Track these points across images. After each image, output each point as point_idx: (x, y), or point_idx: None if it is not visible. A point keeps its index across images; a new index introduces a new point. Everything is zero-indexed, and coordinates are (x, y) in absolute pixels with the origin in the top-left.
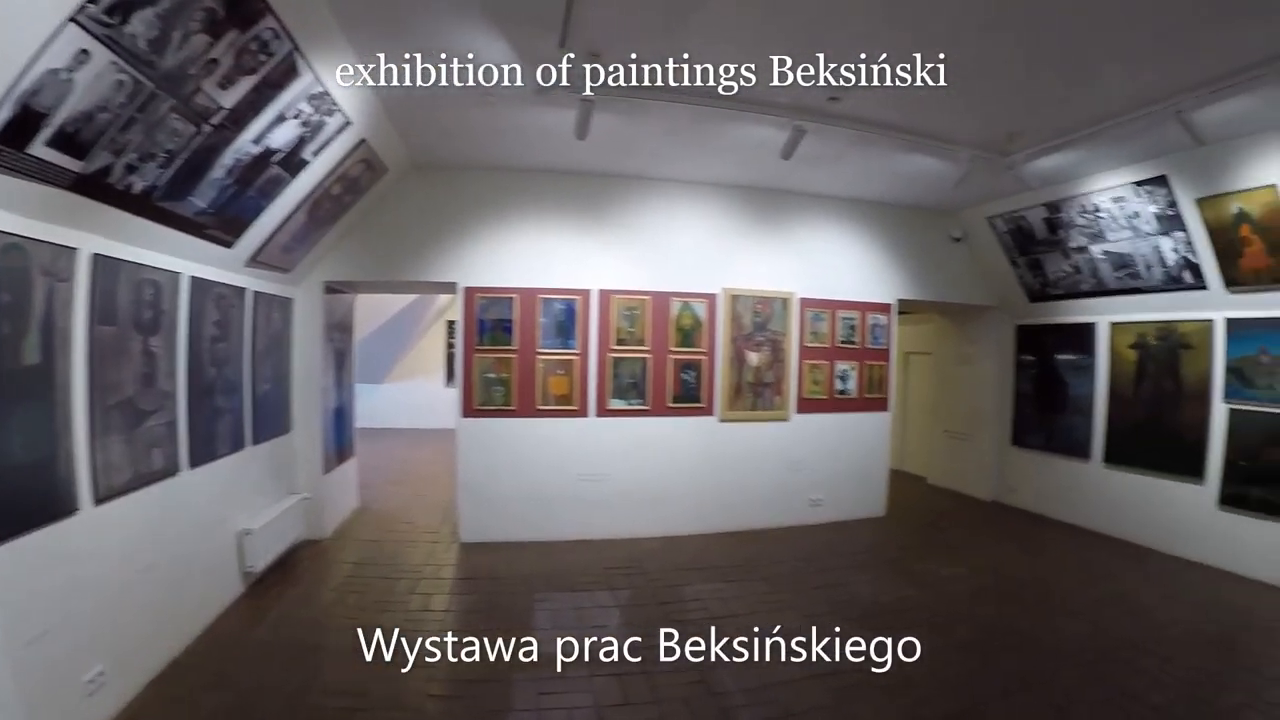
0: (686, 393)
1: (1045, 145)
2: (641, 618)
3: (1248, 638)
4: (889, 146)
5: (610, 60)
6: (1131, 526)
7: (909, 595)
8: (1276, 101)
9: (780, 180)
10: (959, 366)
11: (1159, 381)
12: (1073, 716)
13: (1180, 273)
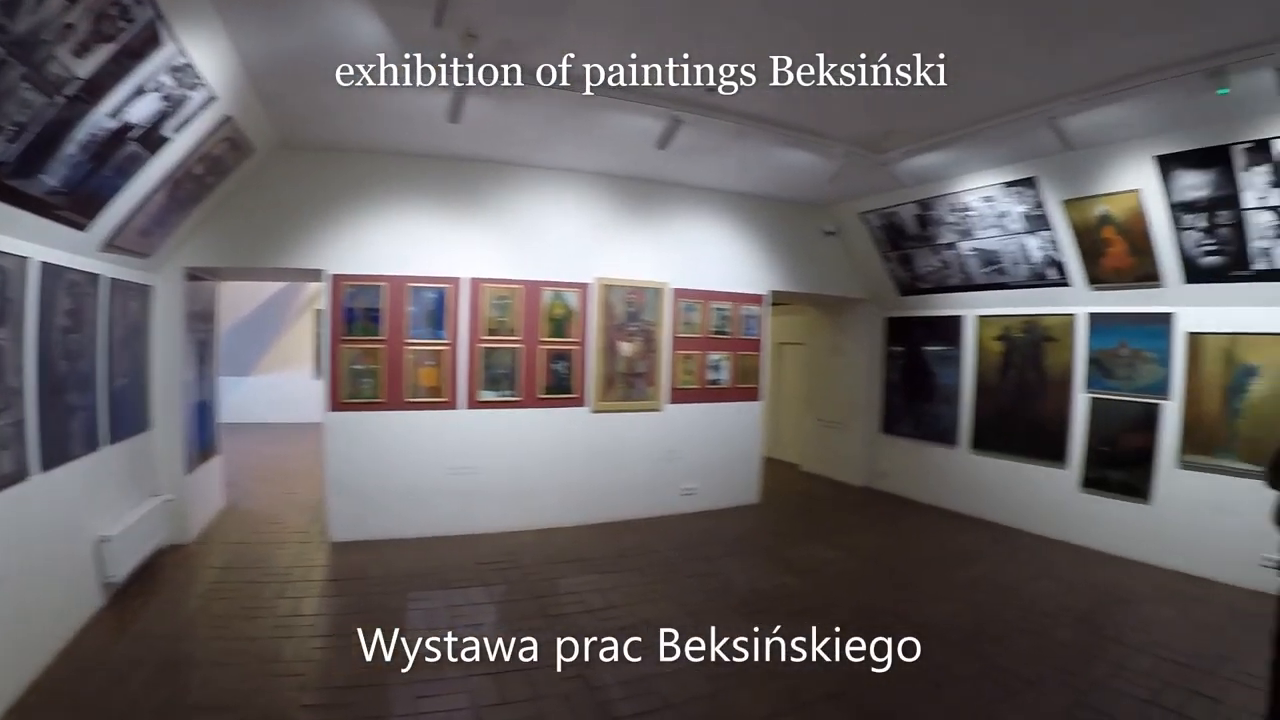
0: (558, 383)
1: (919, 145)
2: (518, 613)
3: (1112, 610)
4: (766, 140)
5: (487, 42)
6: (999, 509)
7: (785, 581)
8: (1144, 112)
9: (656, 171)
10: (831, 357)
11: (1023, 372)
12: (949, 693)
13: (1045, 269)
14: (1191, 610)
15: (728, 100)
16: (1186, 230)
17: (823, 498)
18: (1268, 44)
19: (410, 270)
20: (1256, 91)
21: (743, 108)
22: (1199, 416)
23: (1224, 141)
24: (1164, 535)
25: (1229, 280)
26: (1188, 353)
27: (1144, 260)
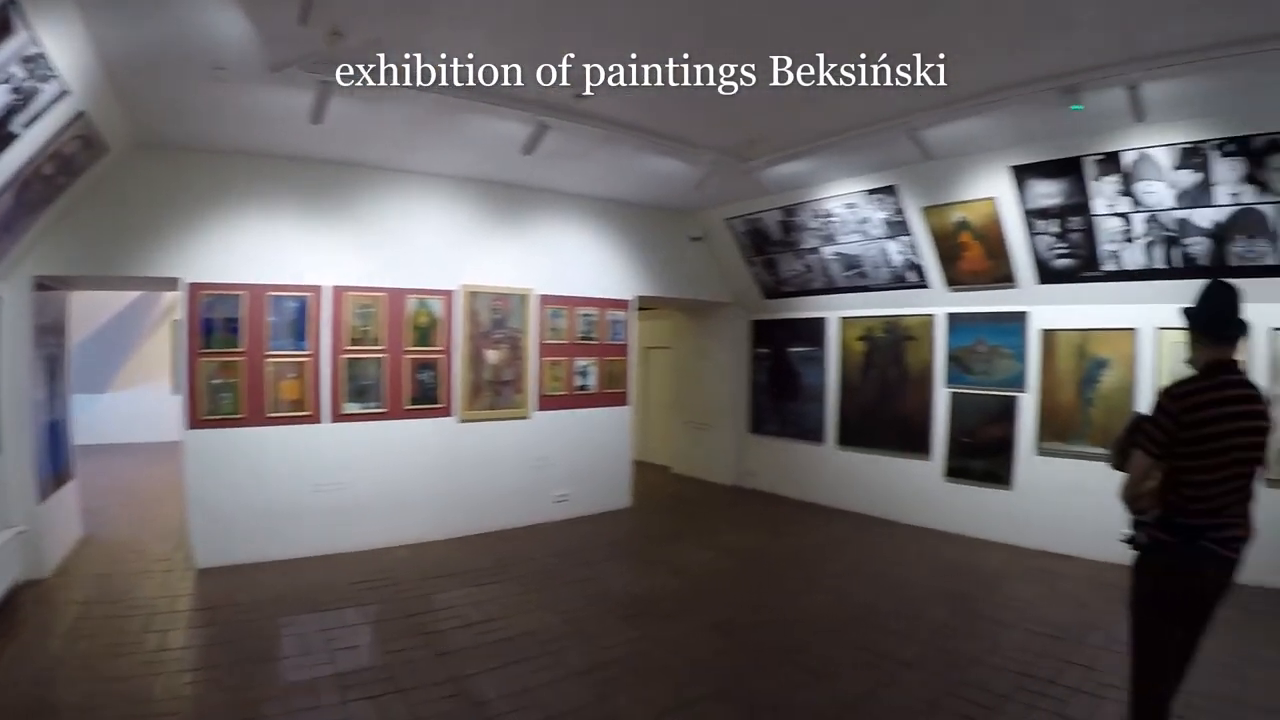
0: (424, 394)
1: (783, 153)
2: (394, 632)
3: (982, 591)
4: (633, 146)
5: (353, 41)
6: (867, 501)
7: (661, 583)
8: (1001, 125)
9: (523, 176)
10: (697, 360)
11: (885, 370)
12: (829, 680)
13: (906, 273)
14: (1057, 585)
15: (595, 105)
16: (1040, 235)
17: (694, 499)
18: (1120, 64)
19: (271, 278)
20: (1108, 108)
21: (610, 113)
22: (1054, 407)
23: (1076, 154)
24: (1026, 518)
25: (1080, 281)
26: (1042, 348)
27: (999, 263)
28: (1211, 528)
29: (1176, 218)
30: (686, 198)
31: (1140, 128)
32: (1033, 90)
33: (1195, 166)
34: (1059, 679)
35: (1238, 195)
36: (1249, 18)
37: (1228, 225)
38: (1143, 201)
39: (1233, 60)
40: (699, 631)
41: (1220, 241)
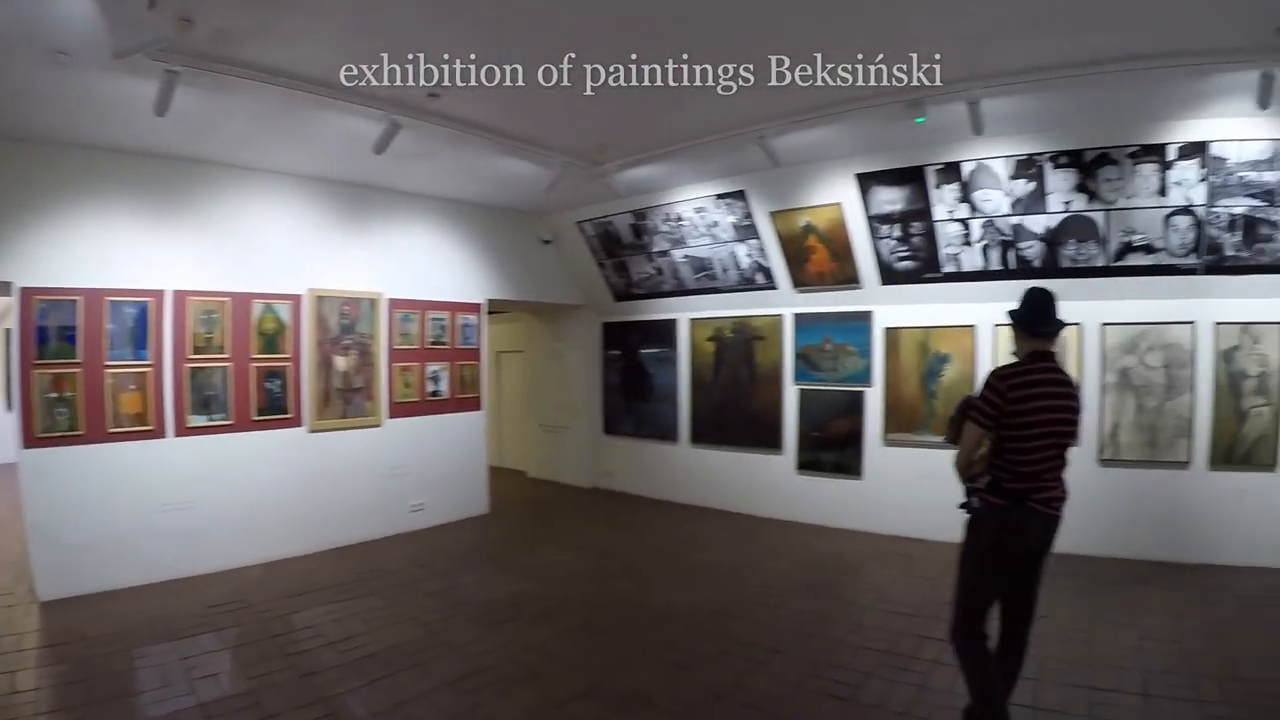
0: (273, 404)
1: (634, 157)
2: (255, 656)
3: (840, 577)
4: (485, 148)
5: (203, 29)
6: (723, 497)
7: (523, 587)
8: (847, 135)
9: (373, 176)
10: (550, 363)
11: (736, 369)
12: (697, 671)
13: (754, 275)
14: (910, 568)
15: (448, 105)
16: (883, 239)
17: (552, 501)
18: (960, 82)
19: (109, 282)
20: (949, 121)
21: (464, 114)
22: (899, 400)
23: (919, 163)
24: (877, 506)
25: (922, 282)
26: (886, 346)
27: (845, 265)
28: (1034, 490)
29: (1012, 223)
30: (538, 200)
31: (979, 140)
32: (879, 103)
33: (1030, 176)
34: (918, 654)
35: (1069, 203)
36: (1081, 43)
37: (1059, 230)
38: (981, 208)
39: (1066, 81)
40: (566, 633)
41: (1052, 245)
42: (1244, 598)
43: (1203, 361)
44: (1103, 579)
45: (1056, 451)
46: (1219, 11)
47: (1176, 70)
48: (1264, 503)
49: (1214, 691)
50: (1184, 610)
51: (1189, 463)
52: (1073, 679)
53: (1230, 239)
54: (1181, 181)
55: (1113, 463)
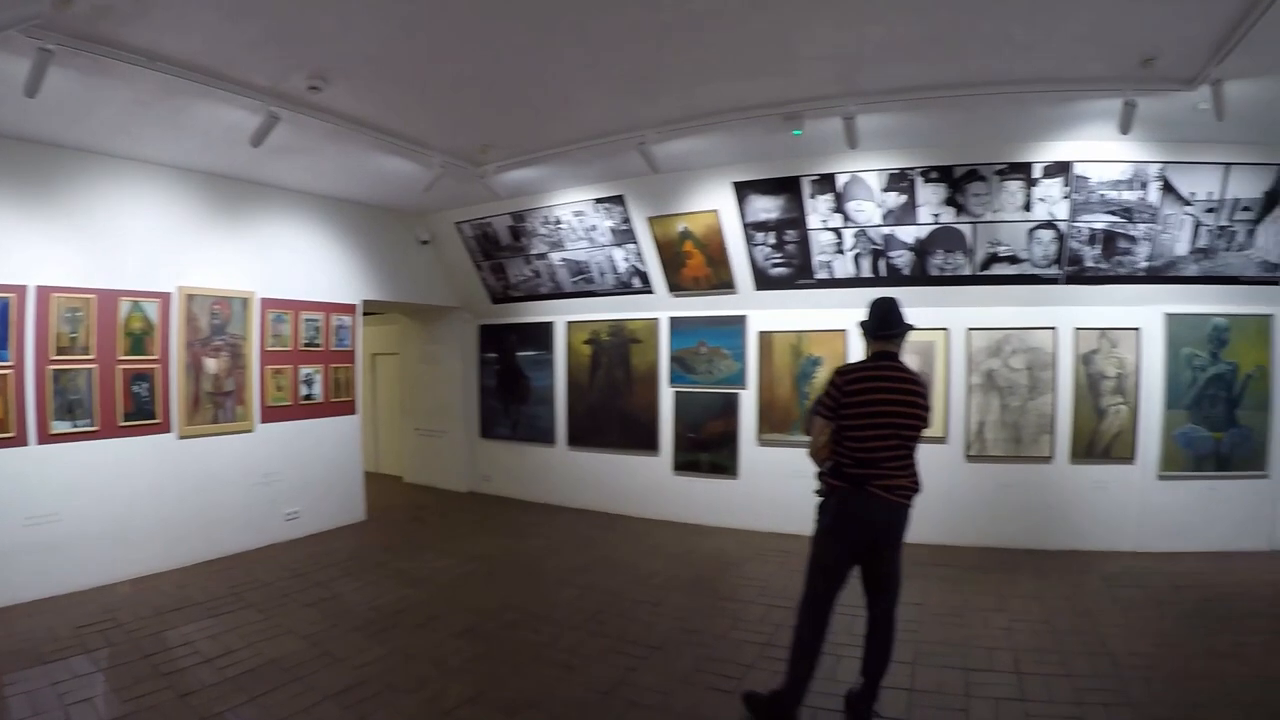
0: (140, 408)
1: (515, 159)
2: (130, 677)
3: (719, 574)
4: (365, 145)
5: (83, 4)
6: (602, 499)
7: (404, 594)
8: (726, 144)
9: (248, 170)
10: (426, 366)
11: (612, 372)
12: (582, 671)
13: (631, 279)
14: (788, 562)
15: (329, 100)
16: (759, 246)
17: (430, 507)
18: (837, 97)
19: None
20: (825, 134)
21: (344, 109)
22: (773, 401)
23: (795, 173)
24: (753, 504)
25: (795, 288)
26: (760, 349)
27: (720, 271)
28: (874, 477)
29: (883, 233)
30: (417, 200)
31: (854, 153)
32: (757, 115)
33: (902, 189)
34: (781, 641)
35: (938, 215)
36: (954, 67)
37: (928, 241)
38: (853, 218)
39: (939, 101)
40: (449, 639)
41: (922, 255)
42: (1107, 579)
43: (1063, 364)
44: (974, 567)
45: (898, 443)
46: (1087, 42)
47: (1045, 95)
48: (1122, 492)
49: (1084, 666)
50: (1051, 593)
51: (1052, 457)
52: (948, 661)
53: (1090, 252)
54: (1046, 198)
55: (979, 458)
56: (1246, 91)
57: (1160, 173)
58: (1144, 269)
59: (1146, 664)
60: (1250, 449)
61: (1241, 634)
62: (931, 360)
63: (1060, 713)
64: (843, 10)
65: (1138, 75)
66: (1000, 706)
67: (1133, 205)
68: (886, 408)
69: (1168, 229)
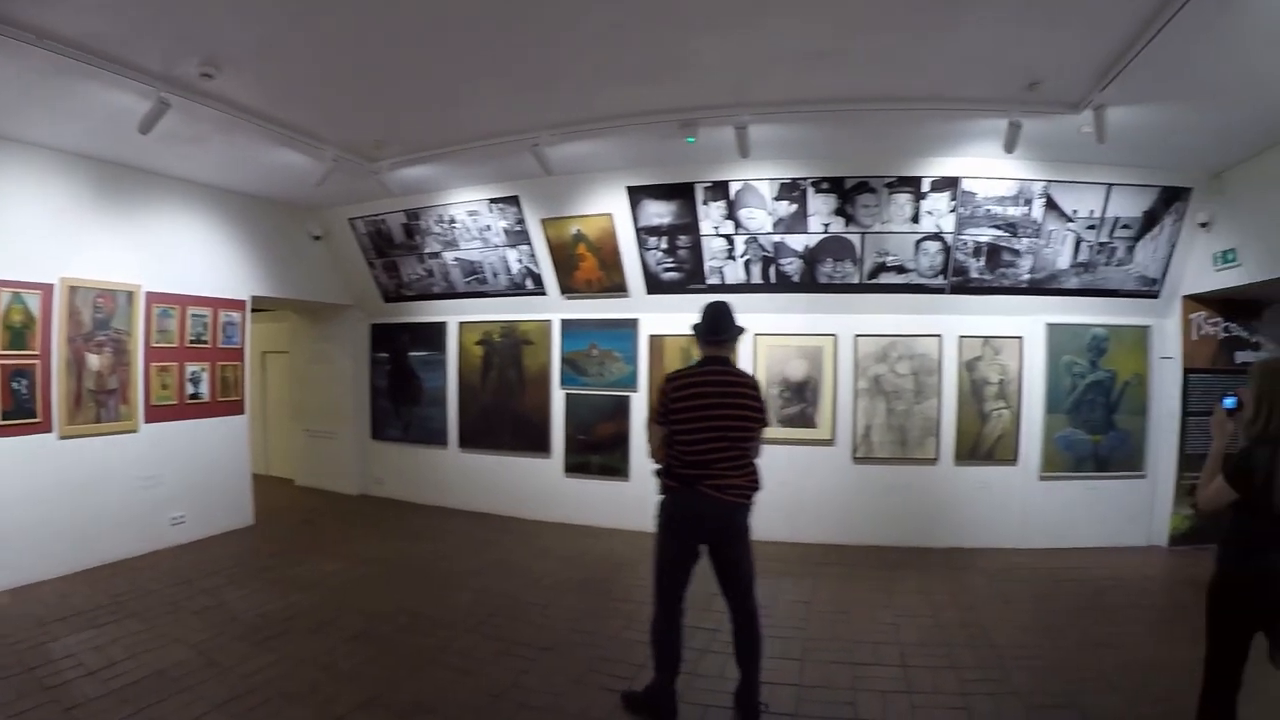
0: (20, 406)
1: (410, 156)
2: (11, 693)
3: (610, 574)
4: (256, 136)
5: None
6: (494, 501)
7: (293, 600)
8: (620, 148)
9: (136, 157)
10: (317, 365)
11: (504, 373)
12: (475, 674)
13: (524, 280)
14: None
15: (222, 88)
16: (651, 250)
17: (320, 510)
18: (730, 107)
19: None
20: (719, 142)
21: (237, 98)
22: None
23: (688, 180)
24: (645, 505)
25: (686, 292)
26: (650, 352)
27: (613, 274)
28: (705, 477)
29: (774, 241)
30: (309, 194)
31: (747, 161)
32: (652, 121)
33: (793, 199)
34: (689, 644)
35: (828, 225)
36: (846, 82)
37: (818, 249)
38: (745, 225)
39: (830, 115)
40: (340, 645)
41: (811, 263)
42: (990, 575)
43: (948, 370)
44: (862, 565)
45: (728, 444)
46: (975, 64)
47: (934, 112)
48: (1005, 493)
49: (968, 658)
50: (937, 589)
51: (937, 459)
52: (835, 657)
53: (975, 264)
54: (933, 211)
55: (867, 460)
56: (1128, 117)
57: (1044, 190)
58: (1027, 281)
59: (1029, 654)
60: (1128, 451)
61: (1120, 624)
62: (820, 365)
63: (945, 703)
64: (738, 22)
65: (1024, 97)
66: (887, 699)
67: (1017, 220)
68: (714, 411)
69: (1050, 244)
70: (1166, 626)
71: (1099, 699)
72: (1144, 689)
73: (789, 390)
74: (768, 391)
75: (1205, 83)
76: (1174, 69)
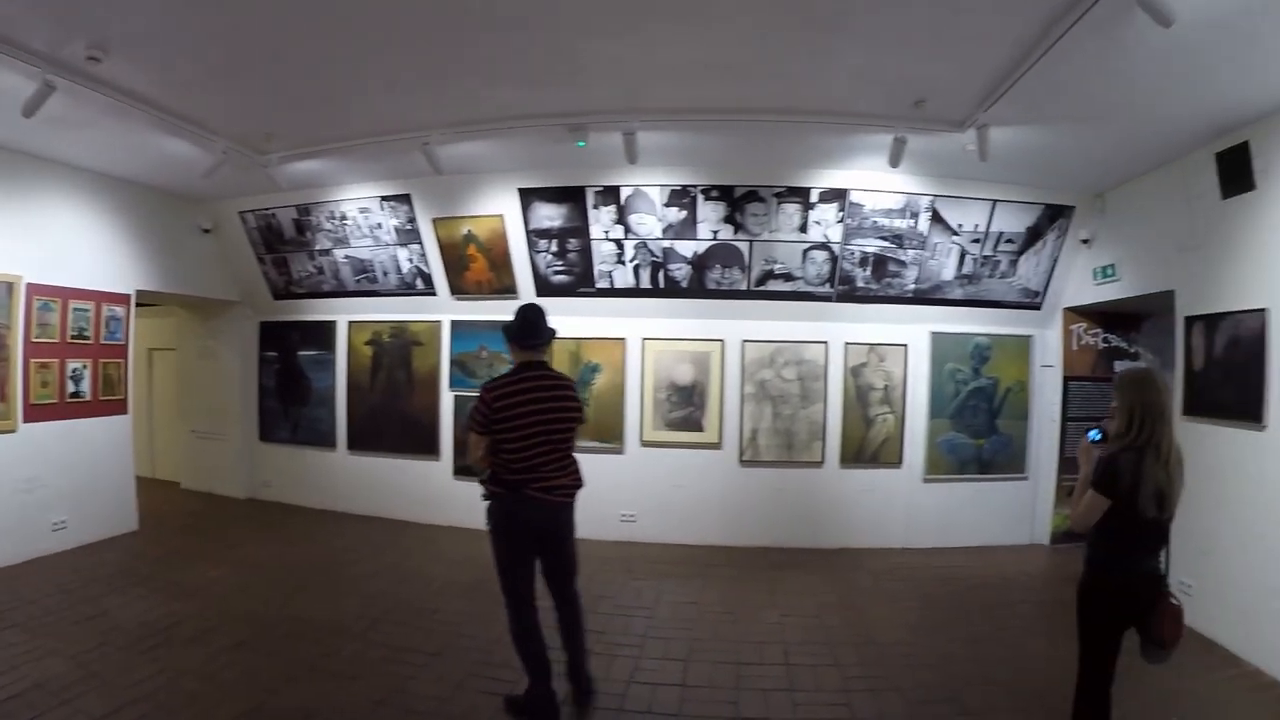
0: None
1: (301, 150)
2: None
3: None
4: (145, 123)
5: None
6: (383, 504)
7: (176, 608)
8: (512, 150)
9: (17, 140)
10: (204, 363)
11: (393, 374)
12: (359, 680)
13: (414, 280)
14: None
15: (109, 72)
16: (541, 253)
17: (207, 515)
18: (621, 113)
19: None
20: (611, 147)
21: (127, 84)
22: None
23: (579, 183)
24: None
25: (576, 295)
26: None
27: (503, 275)
28: (531, 481)
29: (663, 246)
30: (198, 185)
31: (637, 168)
32: (543, 124)
33: (683, 205)
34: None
35: (717, 232)
36: (734, 93)
37: (706, 256)
38: (635, 230)
39: (720, 125)
40: (223, 653)
41: (699, 269)
42: (875, 574)
43: (834, 376)
44: (749, 566)
45: (551, 447)
46: (863, 81)
47: (823, 126)
48: (890, 495)
49: (850, 655)
50: (822, 589)
51: (823, 462)
52: (720, 657)
53: (861, 273)
54: (821, 221)
55: (753, 463)
56: (1011, 137)
57: (930, 204)
58: (912, 291)
59: (911, 651)
60: (1010, 454)
61: (1002, 619)
62: (708, 370)
63: (827, 700)
64: (622, 27)
65: (910, 114)
66: (769, 697)
67: (903, 232)
68: (536, 416)
69: (935, 256)
70: (1047, 621)
71: (979, 693)
72: (1024, 683)
73: (676, 394)
74: (655, 395)
75: (1086, 108)
76: (1055, 94)
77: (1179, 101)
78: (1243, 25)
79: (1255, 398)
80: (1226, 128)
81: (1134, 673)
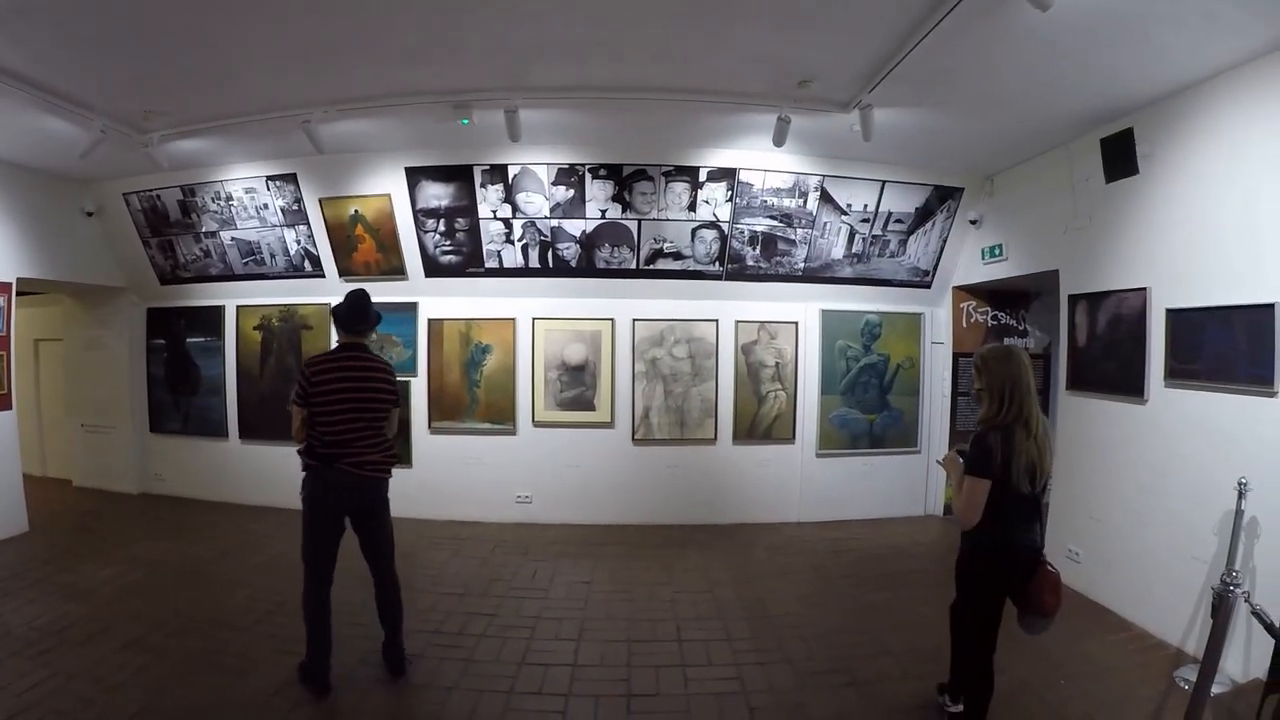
0: None
1: (181, 129)
2: None
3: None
4: (17, 100)
5: None
6: (277, 494)
7: (67, 610)
8: (397, 128)
9: None
10: (92, 353)
11: (283, 359)
12: (251, 674)
13: (302, 262)
14: (462, 549)
15: None
16: (429, 233)
17: (99, 512)
18: (505, 90)
19: None
20: (493, 126)
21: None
22: (443, 389)
23: (466, 162)
24: (428, 492)
25: (465, 275)
26: (430, 336)
27: (391, 256)
28: (343, 455)
29: (552, 225)
30: (79, 166)
31: (524, 146)
32: (427, 101)
33: (571, 184)
34: (466, 630)
35: (605, 211)
36: (618, 71)
37: (595, 235)
38: (523, 209)
39: (605, 102)
40: (114, 654)
41: (588, 248)
42: (769, 549)
43: (725, 354)
44: (643, 545)
45: (364, 424)
46: (748, 60)
47: (709, 105)
48: (784, 470)
49: (743, 629)
50: (717, 565)
51: (716, 439)
52: (612, 635)
53: (751, 252)
54: (710, 200)
55: (646, 441)
56: (896, 119)
57: (819, 184)
58: (802, 269)
59: (803, 623)
60: (902, 429)
61: (894, 588)
62: (599, 349)
63: (718, 674)
64: (513, 4)
65: (795, 94)
66: (661, 673)
67: (792, 211)
68: (350, 394)
69: (825, 235)
70: (939, 590)
71: (870, 662)
72: (915, 650)
73: (568, 374)
74: (547, 375)
75: (971, 93)
76: (939, 78)
77: (1064, 89)
78: (1123, 11)
79: (1137, 372)
80: (1111, 115)
81: (1023, 639)
